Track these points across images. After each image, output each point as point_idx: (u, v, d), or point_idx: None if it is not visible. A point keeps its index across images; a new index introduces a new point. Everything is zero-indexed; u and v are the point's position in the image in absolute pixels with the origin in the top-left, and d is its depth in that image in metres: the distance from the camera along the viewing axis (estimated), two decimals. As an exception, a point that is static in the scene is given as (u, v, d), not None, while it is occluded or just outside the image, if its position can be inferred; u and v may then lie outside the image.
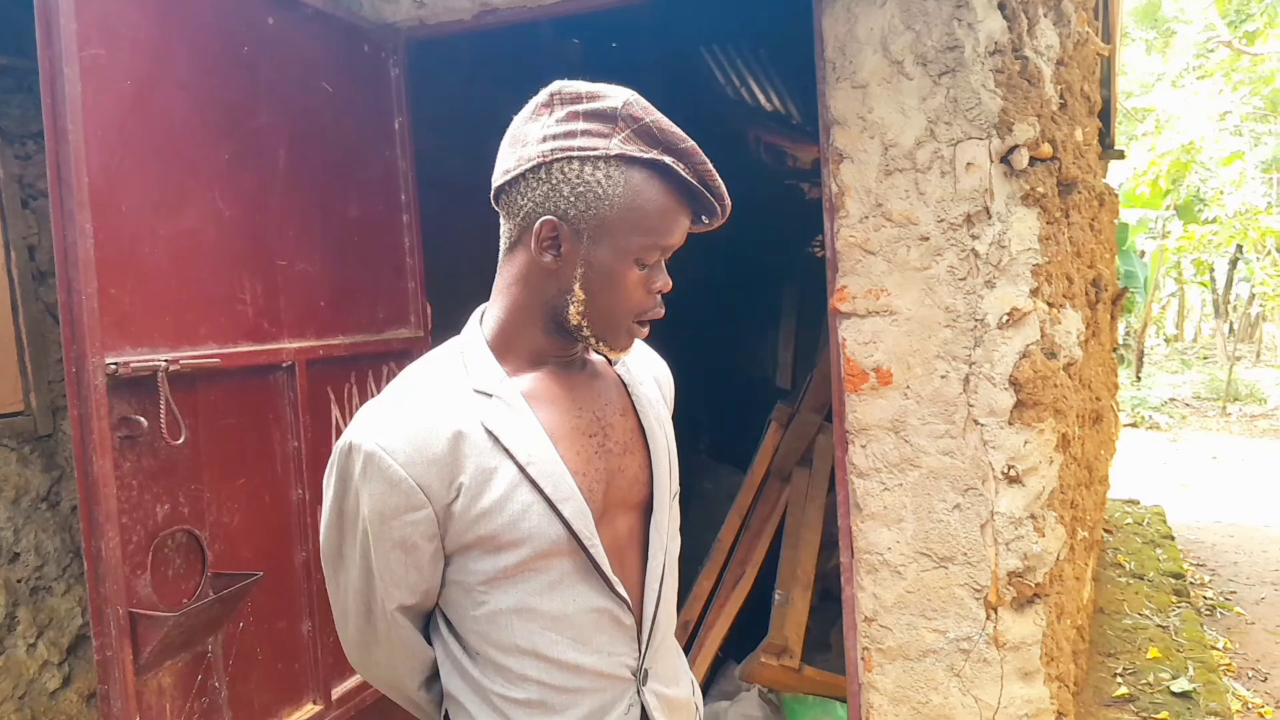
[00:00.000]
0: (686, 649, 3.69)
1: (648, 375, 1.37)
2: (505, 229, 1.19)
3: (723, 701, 3.51)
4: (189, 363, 1.76)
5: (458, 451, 1.13)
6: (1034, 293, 2.16)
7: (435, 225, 2.84)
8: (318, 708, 2.06)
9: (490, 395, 1.16)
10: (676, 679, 1.31)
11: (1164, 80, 13.56)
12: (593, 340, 1.19)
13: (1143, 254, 13.63)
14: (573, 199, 1.12)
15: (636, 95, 1.15)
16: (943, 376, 2.21)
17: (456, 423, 1.13)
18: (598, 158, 1.12)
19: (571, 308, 1.17)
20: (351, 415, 2.26)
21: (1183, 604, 5.02)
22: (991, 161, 2.12)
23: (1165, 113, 11.19)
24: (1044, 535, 2.17)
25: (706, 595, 3.68)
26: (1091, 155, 3.46)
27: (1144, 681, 3.96)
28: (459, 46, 3.09)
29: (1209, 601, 6.08)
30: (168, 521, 1.74)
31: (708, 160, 1.16)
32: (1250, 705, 4.58)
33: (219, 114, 1.91)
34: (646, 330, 1.22)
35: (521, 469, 1.15)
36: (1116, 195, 5.98)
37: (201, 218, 1.86)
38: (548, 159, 1.12)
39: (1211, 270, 16.35)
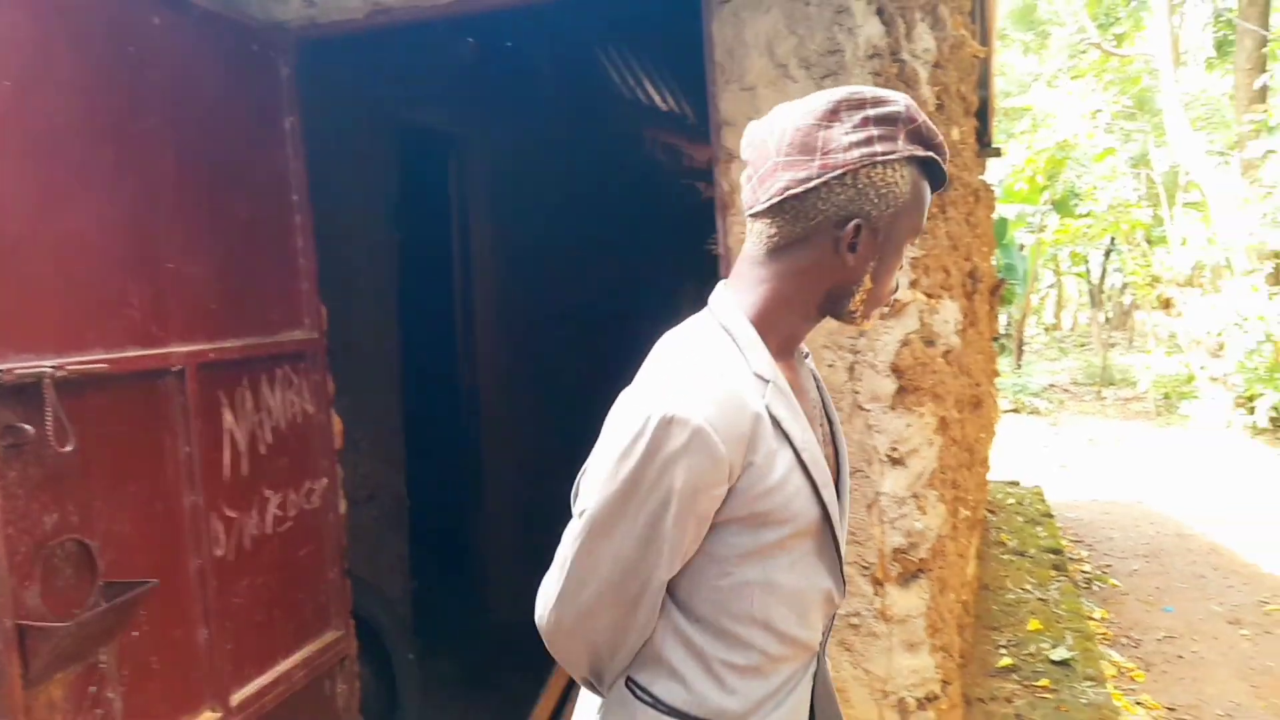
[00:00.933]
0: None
1: (812, 364, 1.48)
2: (776, 229, 1.24)
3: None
4: (76, 368, 1.73)
5: (755, 433, 1.20)
6: (913, 284, 2.28)
7: (330, 227, 2.83)
8: (216, 715, 2.04)
9: (767, 381, 1.23)
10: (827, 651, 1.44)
11: (1040, 80, 14.23)
12: (858, 319, 1.28)
13: (1022, 247, 14.24)
14: (876, 200, 1.20)
15: (908, 98, 1.23)
16: (830, 365, 2.32)
17: (754, 405, 1.20)
18: (895, 160, 1.19)
19: (857, 296, 1.25)
20: (244, 419, 2.24)
21: (1061, 578, 5.30)
22: (870, 161, 2.22)
23: (1041, 111, 11.74)
24: (926, 513, 2.30)
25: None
26: (968, 153, 3.63)
27: (1026, 652, 4.18)
28: (351, 47, 3.07)
29: (1086, 575, 6.43)
30: (56, 531, 1.71)
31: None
32: (1124, 670, 4.88)
33: (104, 115, 1.87)
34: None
35: (797, 453, 1.23)
36: (993, 191, 6.26)
37: (86, 220, 1.82)
38: (854, 166, 1.18)
39: (1087, 262, 17.20)
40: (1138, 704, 4.45)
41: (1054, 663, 4.06)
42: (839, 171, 1.19)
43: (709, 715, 1.27)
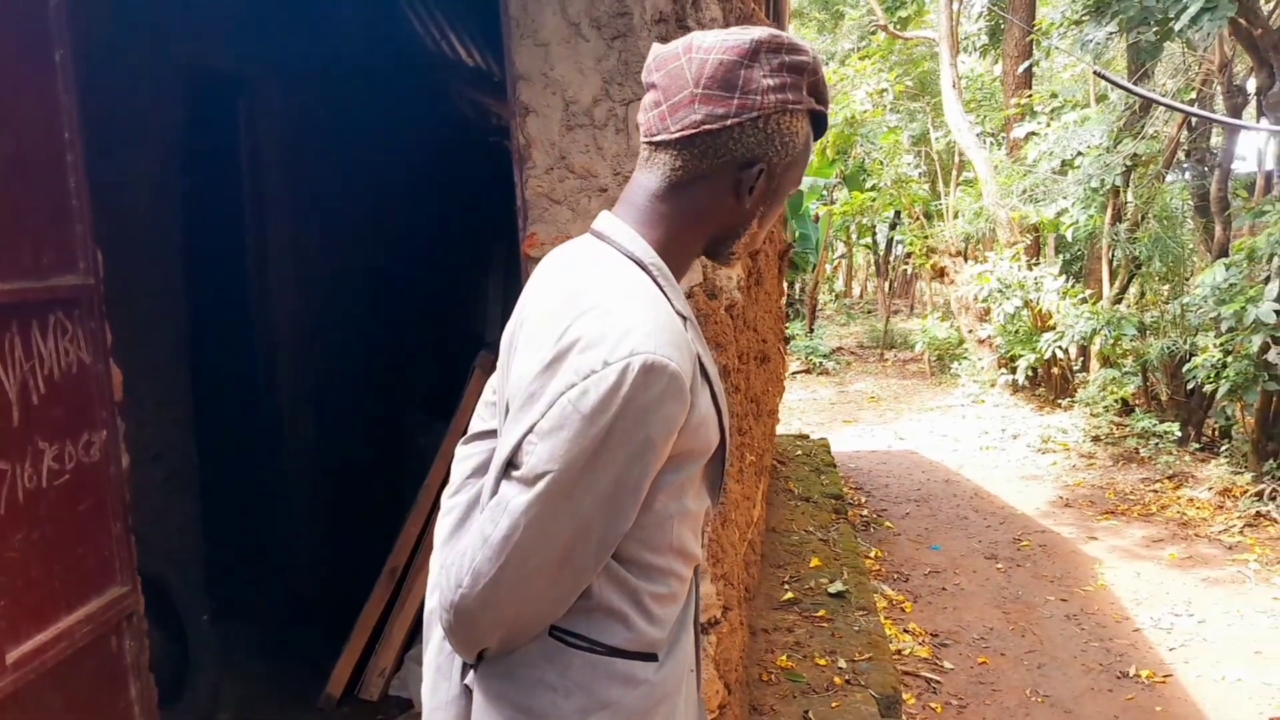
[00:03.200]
0: (395, 593, 3.77)
1: None
2: (681, 162, 1.21)
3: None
4: None
5: (696, 373, 1.18)
6: (697, 240, 2.43)
7: (108, 171, 2.69)
8: (-11, 673, 1.96)
9: (687, 319, 1.23)
10: None
11: (833, 59, 14.96)
12: (732, 261, 1.32)
13: (816, 218, 15.03)
14: (779, 147, 1.21)
15: (815, 51, 1.23)
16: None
17: (694, 346, 1.20)
18: (800, 110, 1.21)
19: (743, 238, 1.27)
20: (13, 367, 2.12)
21: (841, 521, 5.72)
22: (658, 120, 2.35)
23: (833, 89, 12.35)
24: (709, 454, 2.47)
25: (414, 540, 3.76)
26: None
27: (807, 586, 4.52)
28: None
29: (864, 518, 6.96)
30: None
31: None
32: (895, 602, 5.35)
33: None
34: None
35: (711, 387, 1.24)
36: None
37: None
38: (769, 111, 1.18)
39: (874, 234, 18.31)
40: (905, 631, 4.91)
41: (831, 595, 4.42)
42: (755, 114, 1.18)
43: (642, 647, 1.25)
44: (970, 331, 11.38)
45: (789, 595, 4.39)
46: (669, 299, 1.20)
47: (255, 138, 4.38)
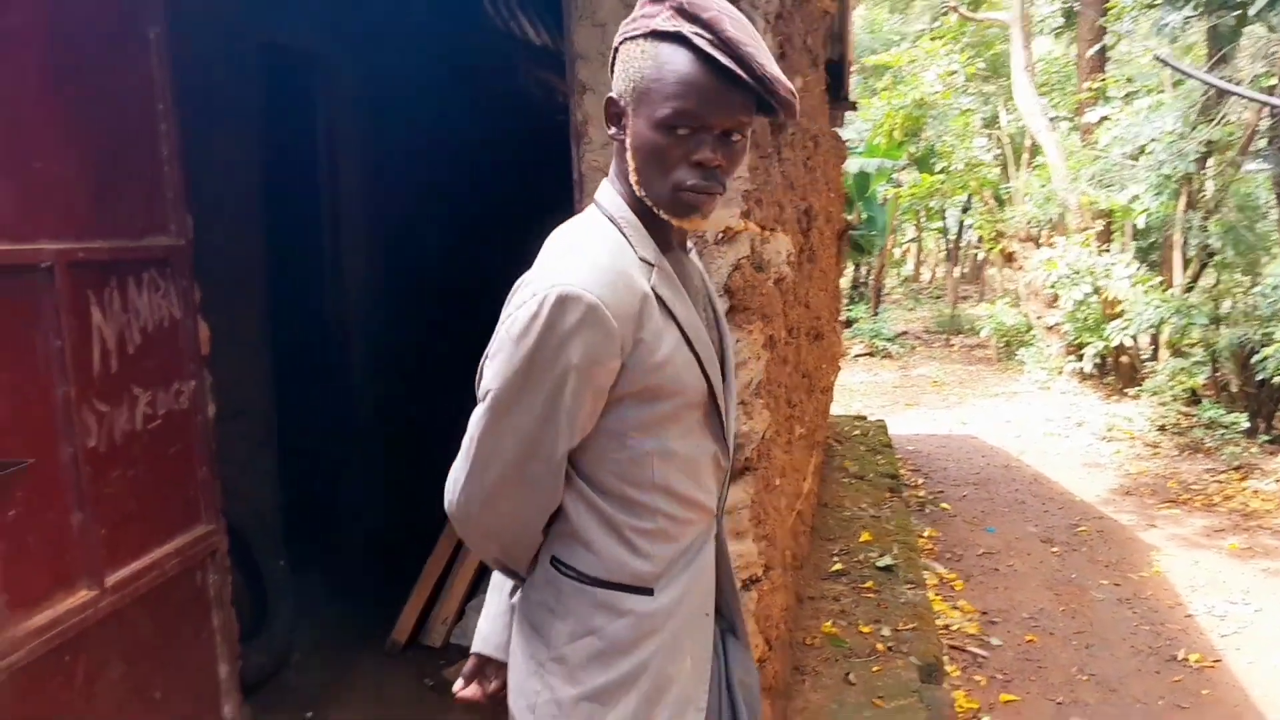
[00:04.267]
0: (458, 546, 3.97)
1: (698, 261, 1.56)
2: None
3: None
4: (-52, 258, 1.81)
5: (643, 311, 1.28)
6: (744, 215, 2.53)
7: (195, 142, 2.88)
8: (92, 593, 2.17)
9: (653, 265, 1.32)
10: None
11: (904, 39, 14.78)
12: (658, 211, 1.31)
13: (884, 201, 14.91)
14: (622, 76, 1.28)
15: None
16: (671, 284, 2.56)
17: (641, 285, 1.29)
18: (637, 35, 1.26)
19: (633, 178, 1.30)
20: (112, 318, 2.33)
21: (895, 499, 5.78)
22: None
23: (903, 70, 12.26)
24: (752, 418, 2.58)
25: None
26: (810, 101, 3.91)
27: (855, 559, 4.61)
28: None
29: (920, 500, 6.98)
30: (-69, 410, 1.80)
31: (743, 38, 1.22)
32: (945, 580, 5.39)
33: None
34: (702, 200, 1.30)
35: (683, 332, 1.33)
36: (842, 140, 6.62)
37: (-46, 116, 1.89)
38: (615, 45, 1.30)
39: (944, 218, 18.06)
40: (955, 608, 4.95)
41: (879, 569, 4.50)
42: (615, 50, 1.31)
43: (626, 579, 1.37)
44: (1038, 318, 11.23)
45: (838, 567, 4.48)
46: (634, 246, 1.32)
47: (330, 112, 4.59)
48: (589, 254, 1.29)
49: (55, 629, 2.06)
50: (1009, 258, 11.68)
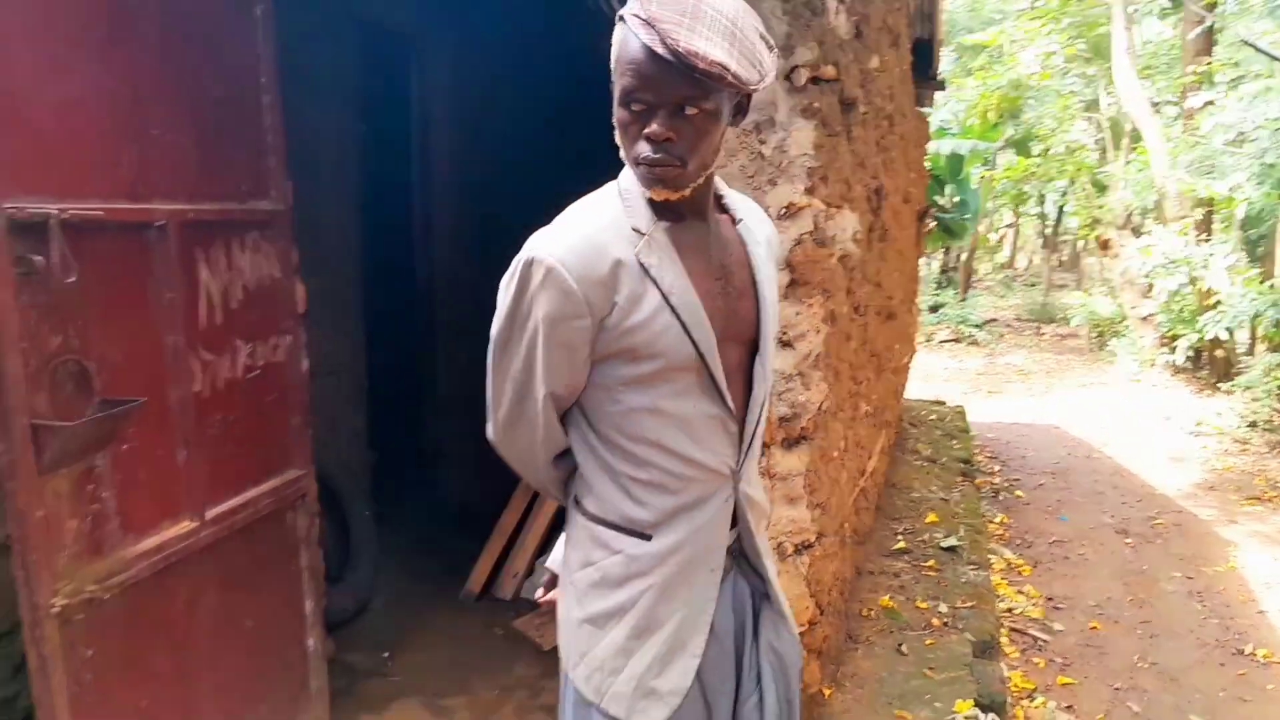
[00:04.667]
0: (529, 506, 4.15)
1: (761, 236, 1.63)
2: None
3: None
4: (76, 213, 2.02)
5: (616, 276, 1.40)
6: (809, 191, 2.61)
7: (296, 114, 3.08)
8: (193, 524, 2.39)
9: (643, 234, 1.43)
10: (757, 484, 1.67)
11: (1004, 19, 14.40)
12: (645, 184, 1.43)
13: (977, 184, 14.60)
14: (611, 56, 1.40)
15: None
16: (735, 257, 2.66)
17: (617, 252, 1.41)
18: (617, 18, 1.39)
19: (630, 153, 1.42)
20: (218, 275, 2.54)
21: (966, 484, 5.77)
22: (777, 80, 2.53)
23: (1000, 50, 11.97)
24: (809, 389, 2.67)
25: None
26: (887, 80, 3.94)
27: (920, 539, 4.64)
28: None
29: (995, 486, 6.94)
30: (60, 351, 2.02)
31: (668, 15, 1.29)
32: (1013, 565, 5.38)
33: (98, -5, 2.13)
34: (658, 172, 1.39)
35: (665, 297, 1.42)
36: (925, 120, 6.56)
37: (84, 87, 2.09)
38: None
39: (1042, 203, 17.59)
40: (1020, 592, 4.96)
41: (943, 549, 4.53)
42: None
43: (622, 522, 1.52)
44: (1133, 308, 10.94)
45: (901, 545, 4.53)
46: (629, 215, 1.45)
47: (422, 84, 4.79)
48: (572, 223, 1.46)
49: (160, 554, 2.28)
50: (1105, 245, 11.38)
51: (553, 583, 1.75)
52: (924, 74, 6.82)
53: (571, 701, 1.59)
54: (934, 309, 14.81)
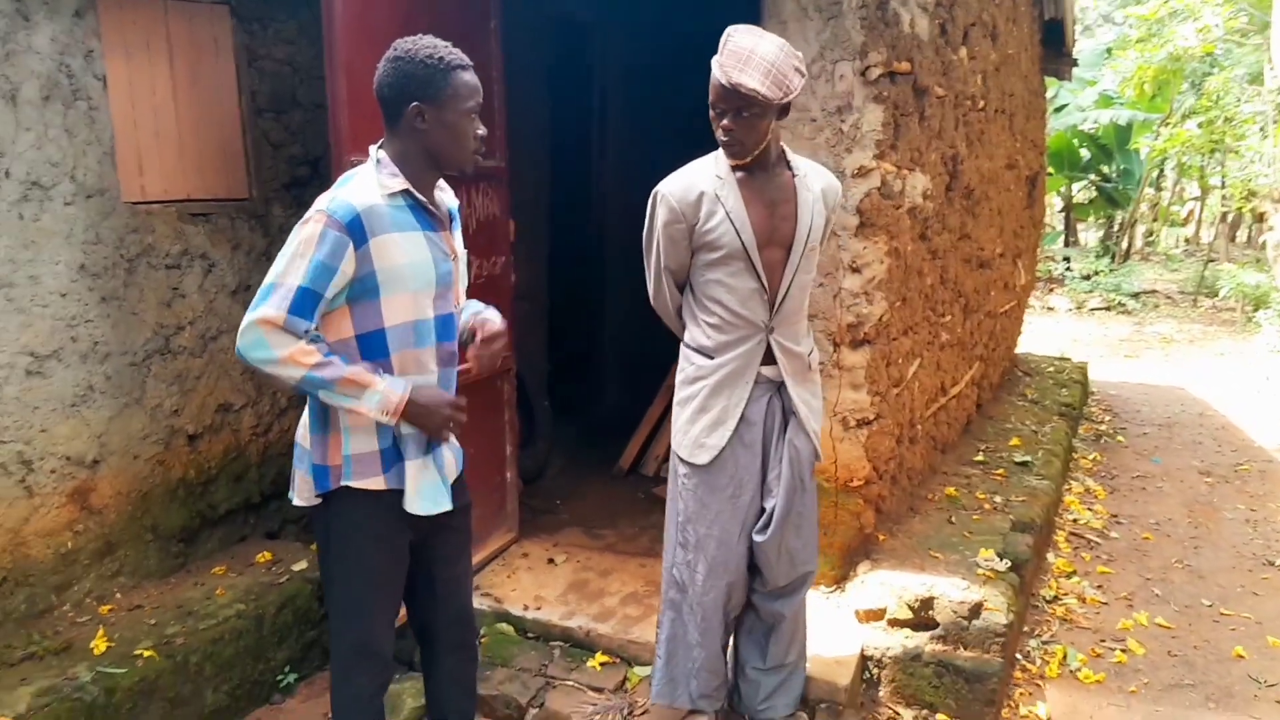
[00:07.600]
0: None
1: (817, 187, 2.62)
2: None
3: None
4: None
5: (699, 202, 2.51)
6: (878, 157, 3.56)
7: (511, 93, 4.26)
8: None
9: (721, 179, 2.53)
10: (798, 341, 2.67)
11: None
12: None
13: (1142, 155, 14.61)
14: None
15: None
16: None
17: (702, 187, 2.52)
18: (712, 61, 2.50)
19: None
20: (474, 207, 3.75)
21: (1061, 422, 6.47)
22: (855, 75, 3.49)
23: (1158, 23, 12.05)
24: (872, 304, 3.64)
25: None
26: (980, 67, 4.77)
27: (998, 455, 5.47)
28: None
29: (1100, 431, 7.55)
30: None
31: (729, 61, 2.40)
32: (1090, 490, 6.09)
33: (415, 12, 3.32)
34: (729, 149, 2.55)
35: (727, 214, 2.50)
36: (1042, 96, 7.17)
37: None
38: None
39: (1202, 173, 17.21)
40: (1089, 509, 5.70)
41: (1016, 463, 5.35)
42: None
43: (697, 346, 2.67)
44: (1282, 280, 11.01)
45: (979, 458, 5.37)
46: (715, 167, 2.55)
47: (602, 70, 5.94)
48: (681, 171, 2.61)
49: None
50: (1260, 218, 11.42)
51: None
52: (1057, 50, 7.46)
53: (673, 455, 2.71)
54: (1086, 277, 14.97)
